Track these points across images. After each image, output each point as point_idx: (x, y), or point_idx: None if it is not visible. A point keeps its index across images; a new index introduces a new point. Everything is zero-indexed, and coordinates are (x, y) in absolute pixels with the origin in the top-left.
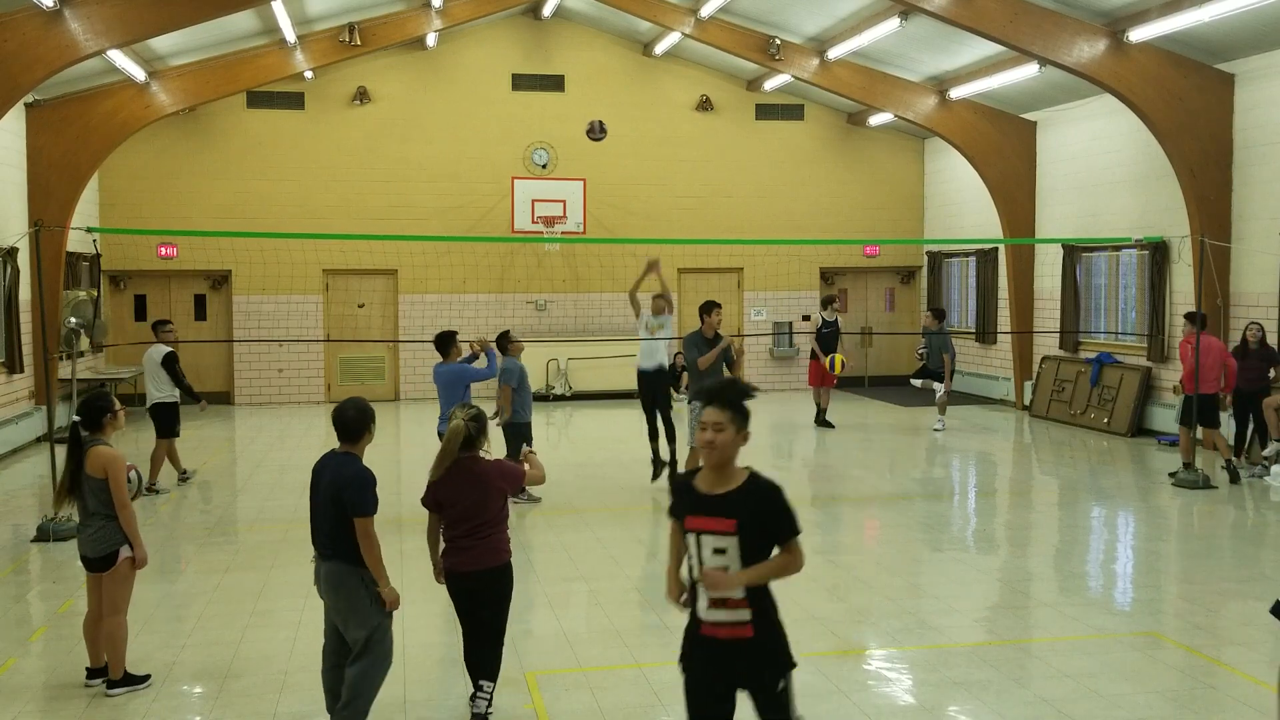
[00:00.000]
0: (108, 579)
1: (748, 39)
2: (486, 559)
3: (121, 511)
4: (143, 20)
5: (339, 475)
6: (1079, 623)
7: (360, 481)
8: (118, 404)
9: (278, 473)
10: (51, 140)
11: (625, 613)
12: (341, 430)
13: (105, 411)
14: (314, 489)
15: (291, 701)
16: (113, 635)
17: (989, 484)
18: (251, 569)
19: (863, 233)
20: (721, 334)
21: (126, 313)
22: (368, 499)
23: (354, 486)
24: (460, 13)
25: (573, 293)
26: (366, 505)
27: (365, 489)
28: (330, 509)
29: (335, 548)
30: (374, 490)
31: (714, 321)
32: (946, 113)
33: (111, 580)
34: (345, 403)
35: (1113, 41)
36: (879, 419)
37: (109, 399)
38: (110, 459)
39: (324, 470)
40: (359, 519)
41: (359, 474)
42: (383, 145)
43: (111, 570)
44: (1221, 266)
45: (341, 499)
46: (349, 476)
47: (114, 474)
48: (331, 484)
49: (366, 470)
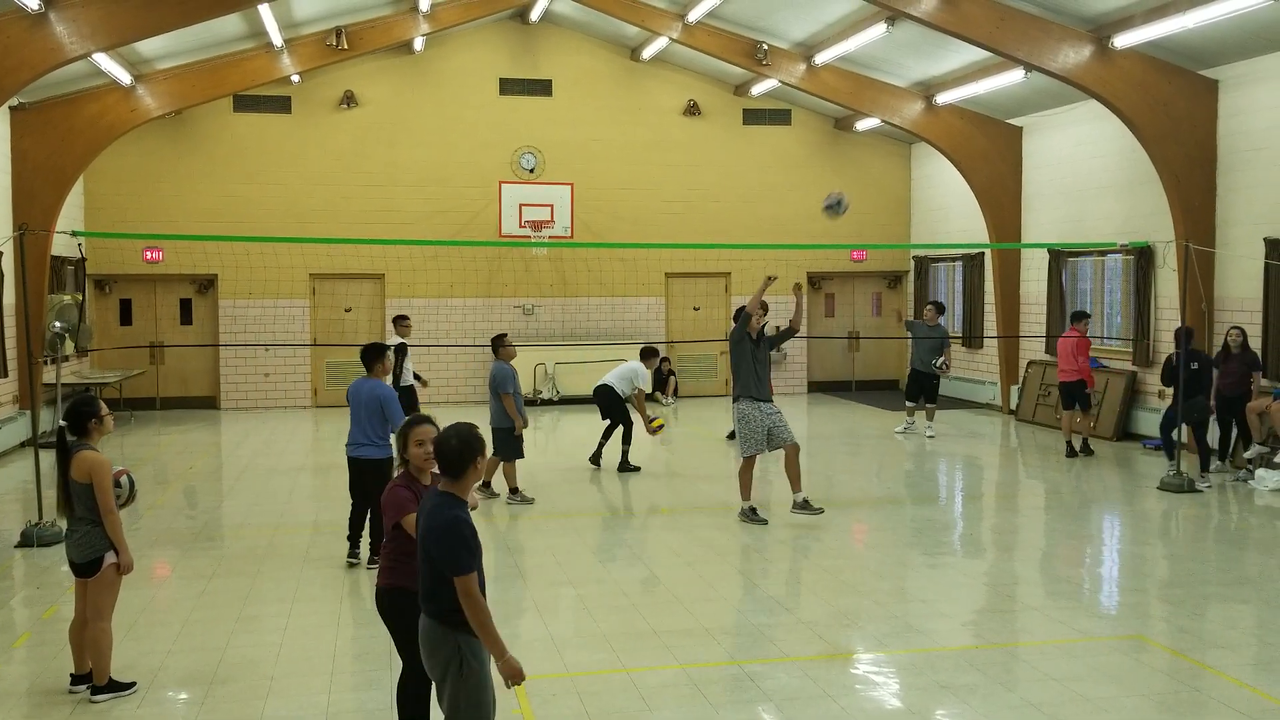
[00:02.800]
0: (93, 585)
1: (735, 44)
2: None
3: (106, 517)
4: (129, 23)
5: (430, 521)
6: (1065, 626)
7: (449, 533)
8: (104, 408)
9: (263, 478)
10: (36, 143)
11: (613, 618)
12: (442, 464)
13: (90, 416)
14: (419, 532)
15: (277, 707)
16: (96, 642)
17: (975, 488)
18: (237, 574)
19: (850, 237)
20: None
21: (112, 317)
22: (459, 555)
23: (441, 541)
24: (448, 17)
25: (560, 297)
26: (459, 562)
27: (455, 542)
28: (425, 560)
29: (431, 604)
30: (469, 543)
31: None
32: (933, 118)
33: (96, 586)
34: (447, 430)
35: (1098, 48)
36: (866, 424)
37: (94, 404)
38: (95, 464)
39: (421, 512)
40: (455, 578)
41: (449, 524)
42: (370, 149)
43: (96, 576)
44: (1206, 271)
45: (432, 553)
46: (438, 526)
47: (98, 479)
48: (425, 530)
49: (462, 519)
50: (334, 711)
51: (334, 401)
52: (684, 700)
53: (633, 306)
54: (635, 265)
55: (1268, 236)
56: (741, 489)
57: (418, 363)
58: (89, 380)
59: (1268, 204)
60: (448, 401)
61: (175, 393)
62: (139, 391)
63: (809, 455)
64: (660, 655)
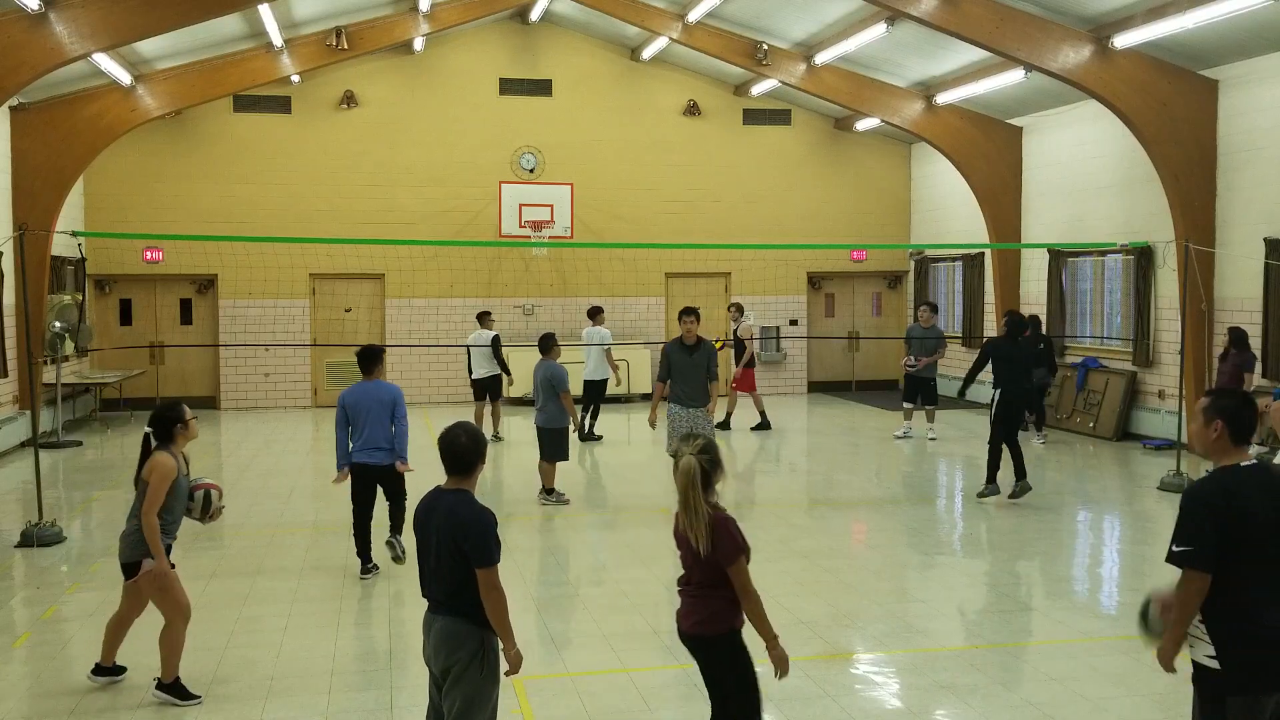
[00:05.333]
0: (148, 591)
1: (735, 44)
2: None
3: (144, 518)
4: (129, 23)
5: (455, 519)
6: (1065, 627)
7: (481, 526)
8: (189, 413)
9: (263, 478)
10: (37, 144)
11: (614, 618)
12: (452, 461)
13: (175, 421)
14: (421, 534)
15: (277, 708)
16: (166, 642)
17: (975, 488)
18: (237, 575)
19: (849, 237)
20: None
21: (112, 317)
22: (491, 546)
23: (473, 533)
24: (448, 17)
25: (560, 297)
26: (491, 554)
27: (486, 534)
28: (450, 559)
29: (454, 603)
30: (496, 535)
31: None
32: (933, 118)
33: (152, 592)
34: (454, 428)
35: (1098, 48)
36: (865, 424)
37: (179, 409)
38: (156, 464)
39: (433, 512)
40: (483, 571)
41: (478, 517)
42: (370, 149)
43: (140, 579)
44: (1206, 271)
45: (462, 548)
46: (467, 521)
47: (154, 480)
48: (447, 529)
49: (486, 512)
50: (334, 712)
51: (334, 402)
52: (684, 700)
53: (633, 306)
54: (635, 265)
55: (1268, 236)
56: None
57: (417, 363)
58: (89, 380)
59: (1268, 204)
60: (448, 401)
61: (175, 393)
62: (139, 391)
63: (809, 455)
64: (660, 655)
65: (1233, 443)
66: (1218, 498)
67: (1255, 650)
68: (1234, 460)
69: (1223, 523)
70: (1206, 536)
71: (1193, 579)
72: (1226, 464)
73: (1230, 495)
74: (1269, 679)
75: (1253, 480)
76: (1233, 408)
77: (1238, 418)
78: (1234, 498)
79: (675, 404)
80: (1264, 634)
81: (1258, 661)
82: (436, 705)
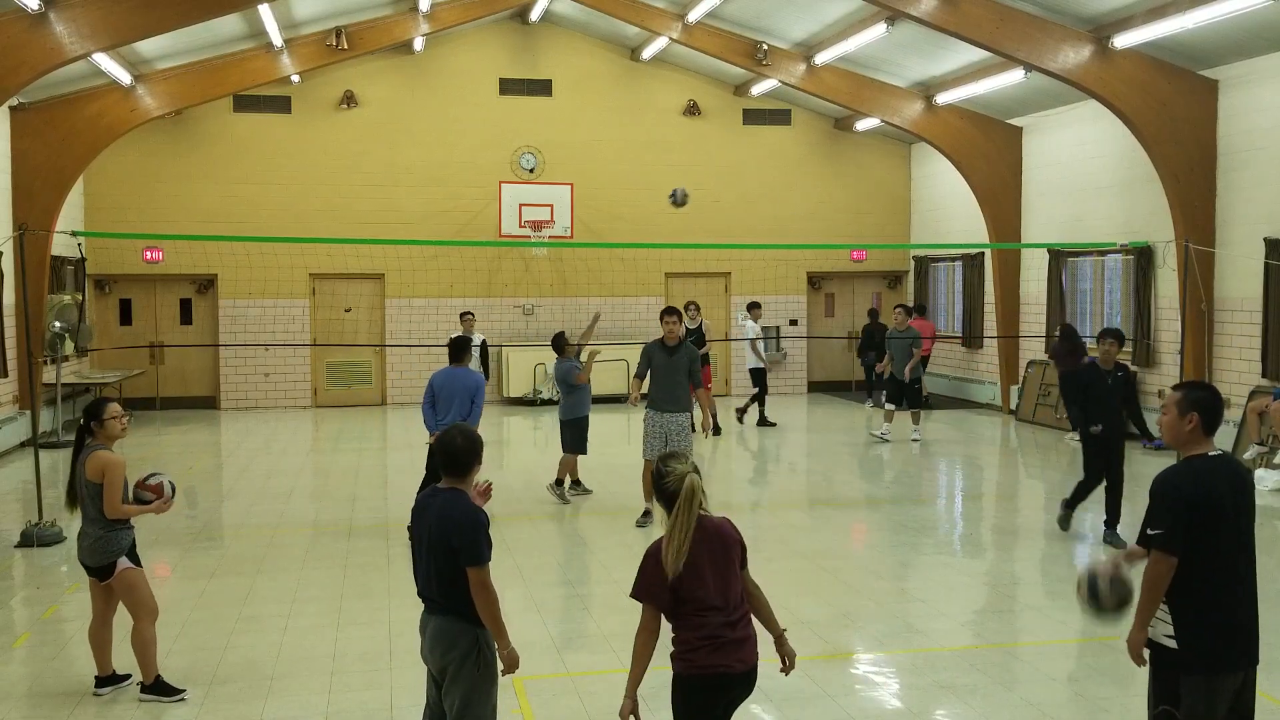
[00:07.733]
0: (117, 590)
1: (735, 44)
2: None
3: (117, 513)
4: (129, 23)
5: (447, 517)
6: (1066, 627)
7: (471, 525)
8: (113, 411)
9: (263, 478)
10: (36, 143)
11: (613, 618)
12: (448, 462)
13: (92, 418)
14: (416, 532)
15: (277, 707)
16: (137, 644)
17: (975, 488)
18: (237, 574)
19: (849, 237)
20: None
21: (112, 317)
22: (482, 545)
23: (465, 531)
24: (448, 17)
25: (560, 297)
26: (481, 553)
27: (478, 533)
28: (443, 557)
29: (449, 601)
30: (487, 534)
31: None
32: (933, 118)
33: (122, 591)
34: (451, 430)
35: (1098, 48)
36: (866, 424)
37: (102, 407)
38: (107, 463)
39: (427, 510)
40: (472, 569)
41: (469, 516)
42: (370, 149)
43: (113, 580)
44: (1206, 271)
45: (452, 545)
46: (458, 519)
47: (109, 479)
48: (439, 527)
49: (478, 511)
50: (334, 711)
51: (334, 401)
52: None
53: (633, 306)
54: (635, 265)
55: (1268, 236)
56: (645, 491)
57: (417, 363)
58: (89, 380)
59: (1268, 204)
60: None
61: (175, 392)
62: (139, 391)
63: (808, 455)
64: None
65: (1204, 433)
66: (1188, 484)
67: (1213, 632)
68: (1203, 450)
69: (1191, 509)
70: (1177, 521)
71: (1161, 561)
72: (1196, 453)
73: (1199, 483)
74: (1226, 660)
75: (1220, 470)
76: (1207, 400)
77: (1211, 410)
78: (1202, 485)
79: (652, 409)
80: (1222, 617)
81: (1215, 642)
82: (434, 704)
